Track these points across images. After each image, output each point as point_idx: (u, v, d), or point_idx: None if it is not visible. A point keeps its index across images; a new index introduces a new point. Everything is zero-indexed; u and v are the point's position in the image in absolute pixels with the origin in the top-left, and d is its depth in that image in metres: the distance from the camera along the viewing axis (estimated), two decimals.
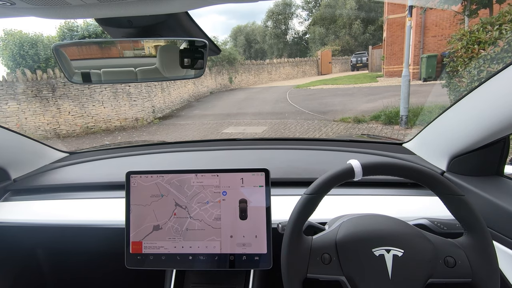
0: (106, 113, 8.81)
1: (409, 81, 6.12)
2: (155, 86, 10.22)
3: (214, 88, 15.77)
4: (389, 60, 16.20)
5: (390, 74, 16.00)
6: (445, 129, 0.95)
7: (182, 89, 12.66)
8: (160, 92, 10.59)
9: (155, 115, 9.89)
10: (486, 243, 0.58)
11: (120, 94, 9.03)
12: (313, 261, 0.61)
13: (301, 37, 34.90)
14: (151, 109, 9.81)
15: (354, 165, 0.62)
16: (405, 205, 0.92)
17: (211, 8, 0.64)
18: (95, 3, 0.54)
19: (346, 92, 11.98)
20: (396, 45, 15.76)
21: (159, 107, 10.33)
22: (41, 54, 8.99)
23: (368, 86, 13.35)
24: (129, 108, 9.17)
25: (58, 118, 8.20)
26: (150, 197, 0.82)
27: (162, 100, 10.66)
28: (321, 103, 9.94)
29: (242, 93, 14.71)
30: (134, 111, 9.24)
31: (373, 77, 16.91)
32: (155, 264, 0.81)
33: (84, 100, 8.50)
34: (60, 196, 1.12)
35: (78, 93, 8.39)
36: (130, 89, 9.15)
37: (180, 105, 12.15)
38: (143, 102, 9.44)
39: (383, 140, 1.59)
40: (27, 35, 9.05)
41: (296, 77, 22.02)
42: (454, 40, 5.27)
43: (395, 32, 15.81)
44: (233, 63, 16.83)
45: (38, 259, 1.22)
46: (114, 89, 8.89)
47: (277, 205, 0.86)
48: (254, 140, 1.51)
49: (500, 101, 0.71)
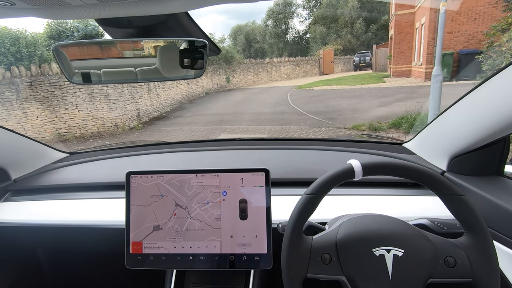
0: (81, 117, 7.66)
1: (441, 82, 5.36)
2: (141, 86, 9.04)
3: (210, 88, 14.77)
4: (396, 59, 15.42)
5: (398, 74, 15.27)
6: (445, 129, 0.95)
7: (173, 90, 11.54)
8: (147, 93, 9.48)
9: (140, 119, 8.83)
10: (486, 243, 0.58)
11: (97, 95, 7.80)
12: (313, 261, 0.61)
13: (301, 36, 34.84)
14: (135, 113, 8.73)
15: (354, 165, 0.62)
16: (405, 205, 0.92)
17: (210, 8, 0.64)
18: (95, 3, 0.54)
19: (353, 94, 11.10)
20: (405, 43, 14.97)
21: (145, 110, 9.25)
22: (24, 52, 8.07)
23: (377, 87, 12.60)
24: (108, 112, 7.96)
25: (24, 123, 6.91)
26: (150, 197, 0.82)
27: (149, 102, 9.56)
28: (327, 107, 8.92)
29: (239, 94, 13.85)
30: (113, 115, 8.06)
31: (379, 77, 16.12)
32: (155, 264, 0.81)
33: (54, 102, 7.26)
34: (60, 196, 1.12)
35: (48, 95, 7.15)
36: (108, 90, 7.94)
37: (170, 107, 11.06)
38: (124, 105, 8.30)
39: (383, 140, 1.59)
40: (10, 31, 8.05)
41: (297, 77, 21.53)
42: (494, 32, 4.36)
43: (404, 29, 14.89)
44: (231, 62, 15.89)
45: (38, 259, 1.22)
46: (90, 90, 7.71)
47: (277, 205, 0.86)
48: (254, 140, 1.51)
49: (500, 101, 0.71)
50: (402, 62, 15.24)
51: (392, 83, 13.10)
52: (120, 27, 0.70)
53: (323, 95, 11.65)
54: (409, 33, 14.77)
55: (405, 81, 13.60)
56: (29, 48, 8.25)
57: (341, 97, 10.68)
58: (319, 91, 12.84)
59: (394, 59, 15.59)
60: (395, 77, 15.18)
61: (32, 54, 8.34)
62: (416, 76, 13.82)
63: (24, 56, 8.26)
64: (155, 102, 10.01)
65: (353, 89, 12.46)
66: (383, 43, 22.14)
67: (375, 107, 8.17)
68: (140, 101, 9.08)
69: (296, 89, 14.19)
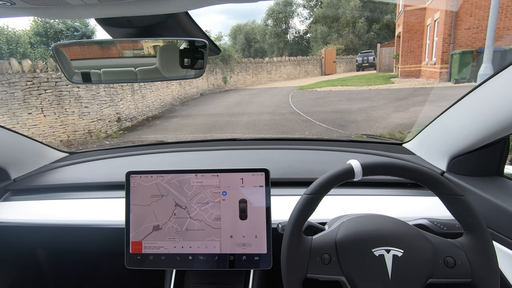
0: (48, 123, 6.60)
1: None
2: (122, 87, 7.93)
3: (206, 89, 13.86)
4: (405, 58, 14.34)
5: (406, 74, 14.24)
6: (445, 129, 0.95)
7: (163, 91, 10.45)
8: (130, 95, 8.30)
9: (121, 125, 7.69)
10: (486, 244, 0.58)
11: (65, 98, 6.57)
12: (313, 261, 0.61)
13: (302, 36, 34.77)
14: (115, 117, 7.60)
15: (354, 165, 0.62)
16: (405, 205, 0.92)
17: (210, 7, 0.64)
18: (95, 3, 0.54)
19: (362, 96, 10.02)
20: (414, 41, 13.87)
21: (127, 114, 8.11)
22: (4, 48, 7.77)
23: (387, 88, 11.56)
24: (79, 117, 6.79)
25: None
26: (150, 197, 0.82)
27: (132, 105, 8.42)
28: (335, 111, 7.78)
29: (236, 96, 12.88)
30: (86, 121, 6.87)
31: (385, 77, 15.25)
32: (155, 264, 0.81)
33: (15, 106, 6.22)
34: (60, 196, 1.12)
35: (7, 97, 6.09)
36: (79, 92, 6.69)
37: (159, 110, 9.96)
38: (100, 109, 7.16)
39: (383, 140, 1.59)
40: None
41: (298, 77, 21.01)
42: None
43: (413, 27, 13.72)
44: (228, 61, 14.94)
45: (38, 259, 1.22)
46: (58, 92, 6.46)
47: (277, 205, 0.86)
48: (254, 140, 1.51)
49: (500, 102, 0.71)
50: (411, 61, 14.23)
51: (402, 84, 12.18)
52: (120, 26, 0.70)
53: (328, 97, 10.61)
54: (419, 30, 13.74)
55: (416, 82, 12.63)
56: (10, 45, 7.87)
57: (349, 99, 9.63)
58: (323, 93, 11.84)
59: (402, 59, 14.57)
60: (403, 78, 14.29)
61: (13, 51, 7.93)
62: (428, 77, 12.86)
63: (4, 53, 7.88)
64: (141, 105, 8.94)
65: (361, 91, 11.45)
66: (387, 42, 21.51)
67: (391, 113, 7.08)
68: (122, 104, 7.94)
69: (298, 90, 13.32)
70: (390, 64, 19.53)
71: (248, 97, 12.53)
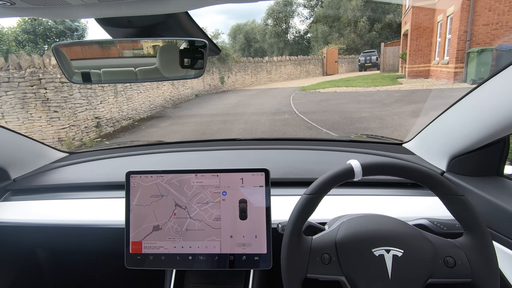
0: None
1: None
2: (103, 88, 7.14)
3: (201, 89, 13.13)
4: (413, 57, 13.52)
5: (414, 74, 13.45)
6: (445, 129, 0.95)
7: (153, 92, 9.59)
8: (113, 97, 7.43)
9: (101, 131, 6.84)
10: (486, 244, 0.58)
11: (31, 101, 5.62)
12: (313, 261, 0.61)
13: (302, 36, 34.71)
14: (93, 123, 6.75)
15: (354, 165, 0.62)
16: (405, 205, 0.92)
17: (210, 7, 0.64)
18: (95, 3, 0.54)
19: (371, 98, 9.23)
20: (423, 40, 13.03)
21: (109, 118, 7.24)
22: None
23: (396, 89, 10.71)
24: (47, 123, 5.84)
25: None
26: (150, 197, 0.82)
27: (115, 107, 7.55)
28: (343, 116, 6.85)
29: (234, 97, 12.04)
30: (56, 127, 5.91)
31: (391, 78, 14.52)
32: (155, 264, 0.81)
33: None
34: (60, 196, 1.12)
35: None
36: (47, 94, 5.73)
37: (148, 113, 9.10)
38: (73, 113, 6.27)
39: (383, 140, 1.58)
40: None
41: (299, 77, 20.52)
42: None
43: (422, 24, 12.90)
44: (226, 61, 14.17)
45: (38, 259, 1.22)
46: (22, 94, 5.52)
47: (277, 205, 0.86)
48: (254, 140, 1.51)
49: (500, 102, 0.71)
50: (419, 61, 13.39)
51: (412, 85, 11.30)
52: (120, 27, 0.70)
53: (333, 99, 9.75)
54: (429, 27, 12.93)
55: (425, 82, 11.91)
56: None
57: (357, 102, 8.85)
58: (327, 94, 11.00)
59: (410, 58, 13.68)
60: (411, 78, 13.50)
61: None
62: (438, 77, 12.06)
63: None
64: (126, 108, 8.01)
65: (368, 92, 10.58)
66: (391, 41, 20.91)
67: (408, 118, 6.21)
68: (101, 107, 7.09)
69: (299, 91, 12.52)
70: (394, 64, 18.97)
71: (246, 98, 11.87)
